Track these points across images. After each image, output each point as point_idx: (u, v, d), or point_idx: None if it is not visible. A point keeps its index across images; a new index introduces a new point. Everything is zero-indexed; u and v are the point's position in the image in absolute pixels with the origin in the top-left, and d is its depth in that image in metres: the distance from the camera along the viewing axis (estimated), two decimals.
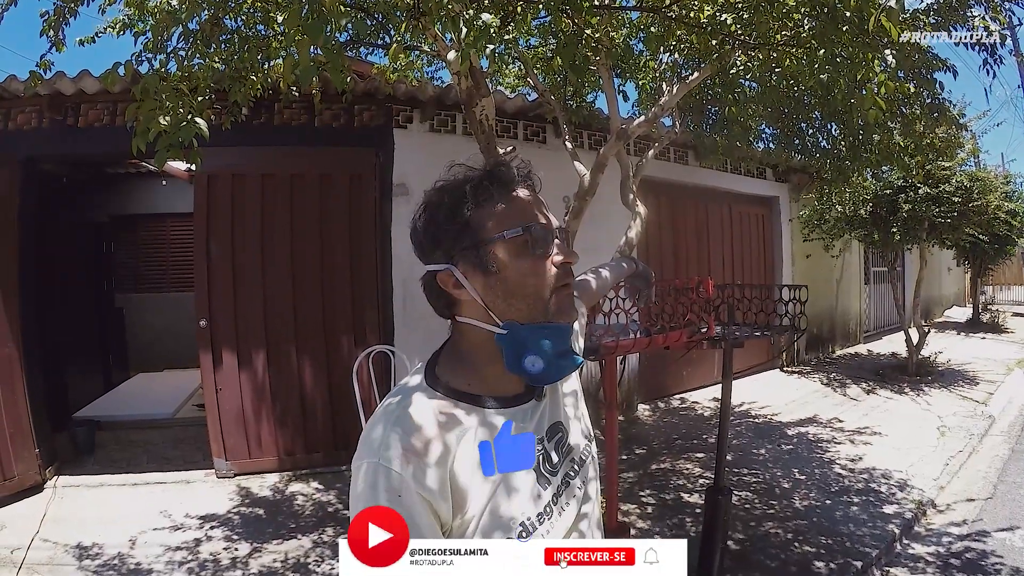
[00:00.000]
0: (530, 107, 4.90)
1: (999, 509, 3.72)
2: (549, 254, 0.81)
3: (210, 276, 4.12)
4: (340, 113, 4.41)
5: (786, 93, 3.61)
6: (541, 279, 0.80)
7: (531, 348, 0.80)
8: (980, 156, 7.33)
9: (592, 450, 0.95)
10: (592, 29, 2.84)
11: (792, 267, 8.28)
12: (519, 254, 0.79)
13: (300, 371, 4.30)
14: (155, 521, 3.42)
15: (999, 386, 6.85)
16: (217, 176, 4.11)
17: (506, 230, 0.79)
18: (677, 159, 6.47)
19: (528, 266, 0.80)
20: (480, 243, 0.80)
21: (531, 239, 0.79)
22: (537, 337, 0.80)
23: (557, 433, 0.88)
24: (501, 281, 0.80)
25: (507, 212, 0.80)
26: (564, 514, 0.84)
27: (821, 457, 4.61)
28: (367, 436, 0.77)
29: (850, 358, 8.85)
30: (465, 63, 1.76)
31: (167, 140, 1.98)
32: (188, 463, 4.28)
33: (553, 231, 0.82)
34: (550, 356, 0.81)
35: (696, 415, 5.93)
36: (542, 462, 0.84)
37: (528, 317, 0.81)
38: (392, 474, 0.71)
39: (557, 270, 0.81)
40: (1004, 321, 12.10)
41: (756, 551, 3.14)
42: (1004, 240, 8.76)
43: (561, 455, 0.87)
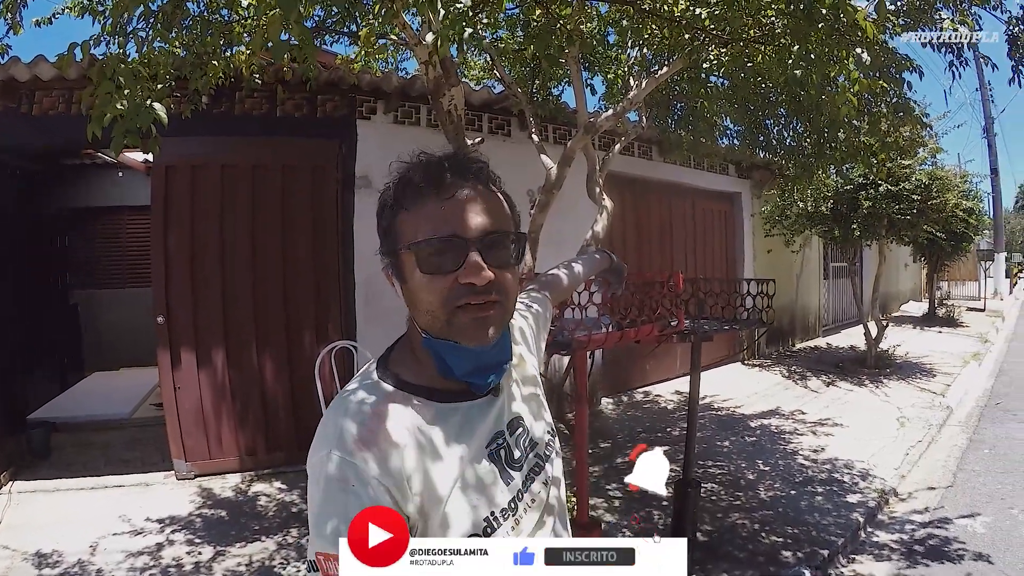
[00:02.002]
0: (495, 99, 4.86)
1: (959, 497, 3.83)
2: (449, 270, 0.73)
3: (168, 271, 3.98)
4: (303, 103, 4.31)
5: (754, 90, 3.64)
6: (435, 296, 0.74)
7: (447, 360, 0.77)
8: (938, 156, 7.56)
9: (556, 445, 0.94)
10: (564, 20, 2.80)
11: (753, 262, 8.45)
12: (415, 267, 0.75)
13: (261, 368, 4.19)
14: (115, 526, 3.30)
15: (956, 378, 7.08)
16: (175, 167, 3.97)
17: (405, 242, 0.76)
18: (641, 154, 6.51)
19: (422, 281, 0.75)
20: (396, 250, 0.78)
21: (417, 256, 0.74)
22: (446, 353, 0.77)
23: (518, 428, 0.86)
24: (408, 291, 0.78)
25: (411, 221, 0.76)
26: (530, 511, 0.83)
27: (784, 448, 4.68)
28: (323, 429, 0.75)
29: (810, 351, 9.07)
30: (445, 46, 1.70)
31: (123, 126, 1.88)
32: (147, 465, 4.14)
33: (465, 244, 0.73)
34: (463, 372, 0.78)
35: (659, 408, 5.99)
36: (505, 457, 0.82)
37: (433, 331, 0.77)
38: (348, 464, 0.69)
39: (458, 288, 0.73)
40: (959, 316, 12.55)
41: (724, 542, 3.17)
42: (961, 237, 9.05)
43: (524, 450, 0.86)
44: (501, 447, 0.82)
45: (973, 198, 8.66)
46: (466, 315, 0.74)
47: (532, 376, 0.97)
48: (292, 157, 4.29)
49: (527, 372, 0.96)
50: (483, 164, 0.81)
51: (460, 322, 0.75)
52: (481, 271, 0.73)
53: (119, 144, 1.90)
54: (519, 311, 1.06)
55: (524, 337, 1.02)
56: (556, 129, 5.52)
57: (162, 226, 3.97)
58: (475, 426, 0.80)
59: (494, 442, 0.82)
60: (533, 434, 0.89)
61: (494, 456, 0.81)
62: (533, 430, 0.89)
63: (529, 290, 1.22)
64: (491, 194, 0.79)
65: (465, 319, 0.75)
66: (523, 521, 0.81)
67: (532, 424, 0.89)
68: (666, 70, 3.39)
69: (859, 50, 2.09)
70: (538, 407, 0.94)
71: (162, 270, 3.97)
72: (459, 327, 0.75)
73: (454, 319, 0.75)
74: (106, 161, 5.93)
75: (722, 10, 2.40)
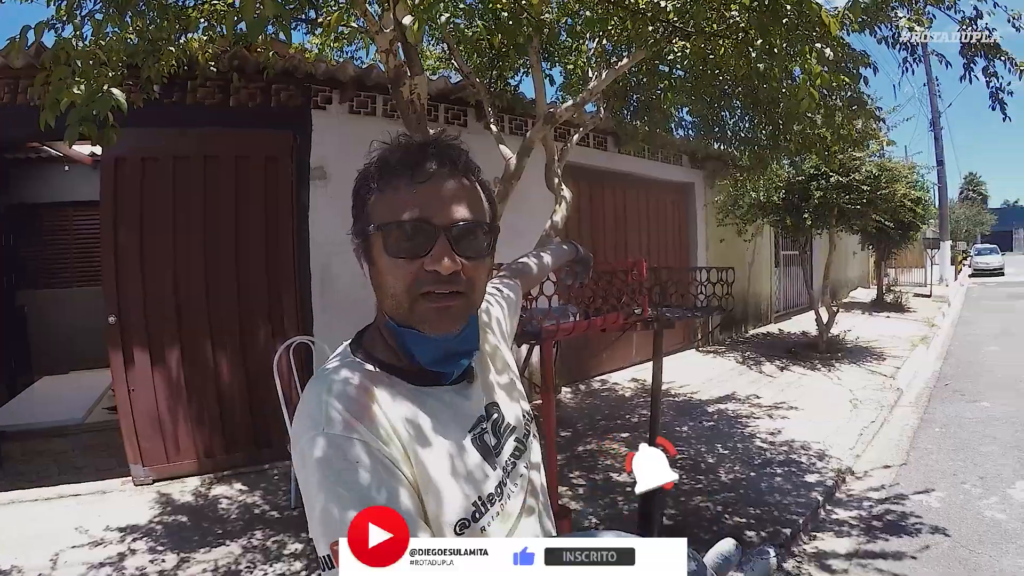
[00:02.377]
0: (452, 90, 4.82)
1: (913, 474, 3.98)
2: (417, 255, 0.72)
3: (118, 268, 3.82)
4: (256, 93, 4.19)
5: (712, 82, 3.70)
6: (399, 281, 0.73)
7: (410, 347, 0.77)
8: (888, 148, 7.84)
9: (533, 429, 0.94)
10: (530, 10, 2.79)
11: (707, 251, 8.63)
12: (382, 250, 0.74)
13: (216, 366, 4.08)
14: (74, 537, 3.15)
15: (905, 361, 7.36)
16: (125, 159, 3.80)
17: (375, 223, 0.75)
18: (596, 145, 6.56)
19: (389, 264, 0.74)
20: (365, 231, 0.77)
21: (384, 238, 0.73)
22: (409, 340, 0.76)
23: (494, 413, 0.86)
24: (375, 274, 0.77)
25: (385, 202, 0.75)
26: (514, 495, 0.83)
27: (742, 432, 4.79)
28: (304, 411, 0.73)
29: (762, 337, 9.28)
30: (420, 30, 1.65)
31: (79, 114, 1.78)
32: (103, 471, 3.98)
33: (435, 231, 0.72)
34: (426, 360, 0.77)
35: (617, 396, 6.05)
36: (487, 442, 0.82)
37: (397, 317, 0.76)
38: (344, 439, 0.67)
39: (423, 275, 0.73)
40: (907, 301, 13.06)
41: (690, 525, 3.23)
42: (908, 226, 9.36)
43: (503, 435, 0.86)
44: (485, 432, 0.82)
45: (920, 188, 8.99)
46: (428, 303, 0.74)
47: (506, 361, 0.96)
48: (246, 148, 4.17)
49: (501, 358, 0.96)
50: (464, 152, 0.79)
51: (422, 310, 0.74)
52: (445, 260, 0.72)
53: (74, 133, 1.80)
54: (492, 296, 1.07)
55: (498, 323, 1.03)
56: (512, 120, 5.52)
57: (112, 221, 3.80)
58: (455, 411, 0.80)
59: (477, 427, 0.81)
60: (511, 419, 0.89)
61: (477, 441, 0.80)
62: (510, 415, 0.89)
63: (500, 276, 1.23)
64: (469, 183, 0.78)
65: (427, 307, 0.74)
66: (508, 505, 0.81)
67: (508, 409, 0.89)
68: (626, 61, 3.42)
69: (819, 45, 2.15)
70: (514, 392, 0.94)
71: (112, 267, 3.81)
72: (421, 315, 0.74)
73: (416, 306, 0.74)
74: (51, 155, 5.68)
75: (686, 3, 2.43)
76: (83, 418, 4.55)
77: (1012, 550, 2.95)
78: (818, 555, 3.02)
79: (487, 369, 0.90)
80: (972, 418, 5.06)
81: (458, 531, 0.72)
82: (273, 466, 4.07)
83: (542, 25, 2.73)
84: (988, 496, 3.55)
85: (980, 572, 2.78)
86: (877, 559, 2.93)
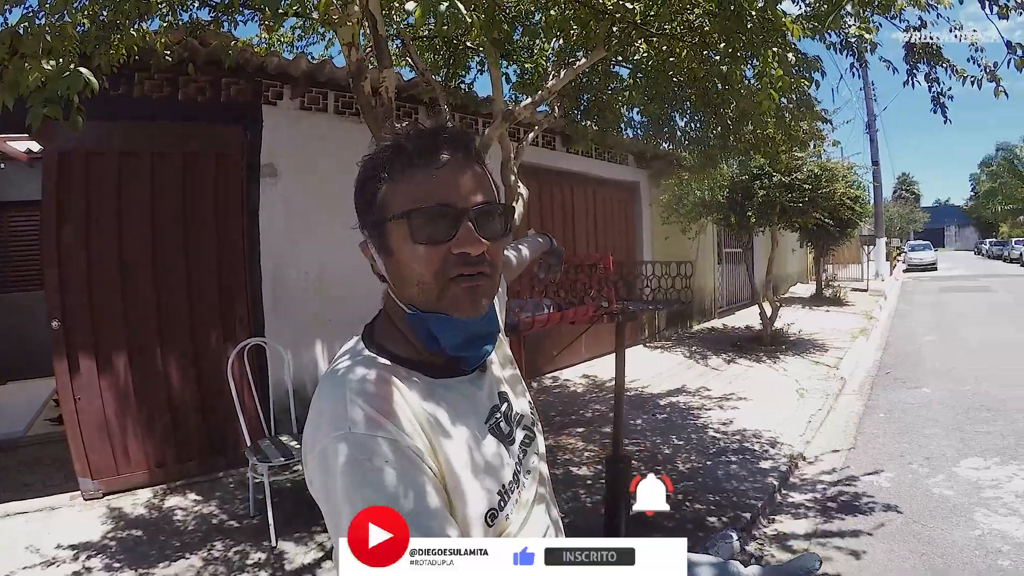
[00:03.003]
0: (406, 86, 4.76)
1: (862, 457, 4.19)
2: (442, 240, 0.72)
3: (62, 270, 3.61)
4: (206, 86, 4.05)
5: (667, 83, 3.78)
6: (427, 268, 0.72)
7: (435, 334, 0.76)
8: (831, 149, 8.19)
9: (536, 418, 0.95)
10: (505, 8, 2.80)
11: (652, 248, 8.81)
12: (406, 238, 0.73)
13: (166, 371, 3.91)
14: (25, 558, 2.96)
15: (847, 352, 7.72)
16: (69, 154, 3.60)
17: (394, 212, 0.73)
18: (545, 144, 6.64)
19: (413, 252, 0.73)
20: (380, 222, 0.75)
21: (410, 225, 0.72)
22: (435, 326, 0.75)
23: (505, 403, 0.87)
24: (395, 264, 0.76)
25: (402, 191, 0.73)
26: (529, 483, 0.84)
27: (695, 423, 4.93)
28: (323, 411, 0.70)
29: (707, 332, 9.55)
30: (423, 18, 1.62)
31: (44, 95, 1.65)
32: (50, 487, 3.75)
33: (459, 214, 0.72)
34: (453, 345, 0.77)
35: (570, 392, 6.13)
36: (502, 430, 0.82)
37: (423, 304, 0.75)
38: (370, 439, 0.65)
39: (451, 259, 0.72)
40: (845, 296, 13.65)
41: None
42: (847, 223, 9.78)
43: (513, 423, 0.86)
44: (499, 421, 0.82)
45: (858, 188, 9.42)
46: (458, 286, 0.73)
47: (508, 357, 0.97)
48: (195, 144, 4.02)
49: (504, 350, 0.97)
50: (473, 137, 0.80)
51: (453, 294, 0.73)
52: (476, 240, 0.72)
53: (38, 115, 1.67)
54: None
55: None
56: (463, 118, 5.49)
57: (55, 221, 3.59)
58: (472, 401, 0.80)
59: (492, 417, 0.81)
60: (519, 408, 0.90)
61: (494, 430, 0.80)
62: (518, 404, 0.90)
63: None
64: (480, 168, 0.78)
65: (457, 291, 0.73)
66: (524, 493, 0.81)
67: (516, 399, 0.90)
68: (584, 61, 3.47)
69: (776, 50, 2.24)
70: (519, 383, 0.95)
71: (55, 270, 3.59)
72: (451, 299, 0.73)
73: (447, 291, 0.73)
74: None
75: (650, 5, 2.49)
76: (25, 431, 4.32)
77: (962, 523, 3.14)
78: (778, 537, 3.15)
79: (494, 360, 0.90)
80: (914, 403, 5.35)
81: (489, 522, 0.72)
82: (228, 474, 3.94)
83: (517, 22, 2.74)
84: (935, 475, 3.77)
85: (934, 544, 2.95)
86: (835, 537, 3.07)
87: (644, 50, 3.28)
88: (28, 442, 4.38)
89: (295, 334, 4.27)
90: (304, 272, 4.37)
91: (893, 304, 13.43)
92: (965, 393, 5.54)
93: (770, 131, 3.79)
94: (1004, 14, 2.68)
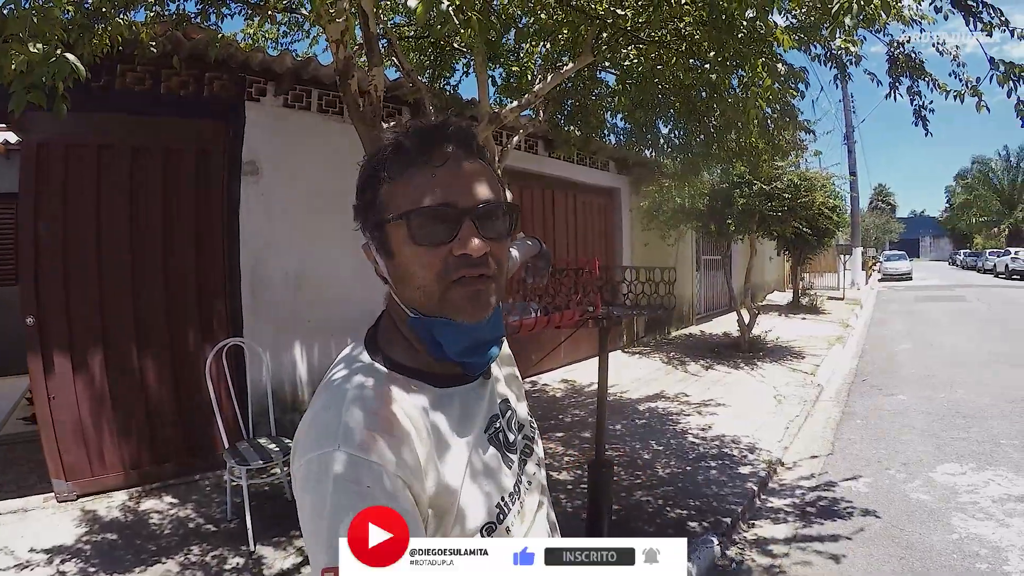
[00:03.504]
0: (391, 87, 4.70)
1: (840, 463, 4.25)
2: (443, 241, 0.69)
3: (38, 265, 3.53)
4: (189, 80, 3.99)
5: (653, 90, 3.81)
6: (428, 270, 0.70)
7: (438, 340, 0.73)
8: (808, 159, 8.32)
9: (535, 426, 0.93)
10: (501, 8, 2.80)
11: (632, 254, 8.87)
12: (407, 239, 0.70)
13: (143, 371, 3.84)
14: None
15: (824, 359, 7.83)
16: (48, 146, 3.53)
17: (393, 212, 0.70)
18: (527, 148, 6.66)
19: (414, 254, 0.70)
20: (381, 223, 0.72)
21: (410, 226, 0.69)
22: (439, 331, 0.72)
23: (507, 410, 0.85)
24: (396, 266, 0.73)
25: (402, 190, 0.71)
26: (530, 492, 0.83)
27: (674, 428, 4.96)
28: (318, 422, 0.67)
29: (686, 338, 9.62)
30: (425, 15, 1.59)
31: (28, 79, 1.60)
32: (22, 488, 3.65)
33: (460, 214, 0.69)
34: (457, 351, 0.74)
35: (549, 397, 6.14)
36: (502, 440, 0.80)
37: (425, 308, 0.72)
38: (361, 462, 0.62)
39: (452, 261, 0.69)
40: (821, 304, 13.88)
41: (634, 519, 3.32)
42: (824, 232, 9.91)
43: (515, 431, 0.85)
44: (499, 430, 0.80)
45: (836, 197, 9.57)
46: (460, 289, 0.70)
47: (508, 356, 0.95)
48: (176, 139, 3.97)
49: (506, 355, 0.95)
50: (475, 133, 0.77)
51: (455, 297, 0.70)
52: (475, 241, 0.69)
53: (21, 101, 1.62)
54: None
55: None
56: None
57: (32, 214, 3.51)
58: (473, 410, 0.77)
59: (491, 426, 0.79)
60: (520, 415, 0.88)
61: (494, 440, 0.78)
62: (520, 411, 0.88)
63: None
64: (482, 165, 0.76)
65: (460, 293, 0.70)
66: (526, 503, 0.80)
67: (518, 405, 0.89)
68: (572, 65, 3.49)
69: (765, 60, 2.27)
70: (519, 388, 0.93)
71: (32, 264, 3.51)
72: (454, 302, 0.71)
73: (448, 294, 0.70)
74: None
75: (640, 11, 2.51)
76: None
77: (939, 527, 3.21)
78: (758, 541, 3.18)
79: (496, 364, 0.87)
80: (890, 410, 5.45)
81: (487, 535, 0.71)
82: (204, 477, 3.88)
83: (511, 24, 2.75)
84: (912, 480, 3.84)
85: (913, 549, 3.00)
86: (814, 542, 3.11)
87: (633, 56, 3.30)
88: (1, 441, 4.26)
89: (274, 335, 4.22)
90: (284, 272, 4.32)
91: (869, 313, 13.66)
92: (940, 400, 5.65)
93: (753, 140, 3.84)
94: (988, 31, 2.76)
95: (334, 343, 4.47)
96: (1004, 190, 40.50)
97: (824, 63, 3.01)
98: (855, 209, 19.98)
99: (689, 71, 2.70)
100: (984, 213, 41.00)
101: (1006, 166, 41.01)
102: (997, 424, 4.84)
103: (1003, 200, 40.25)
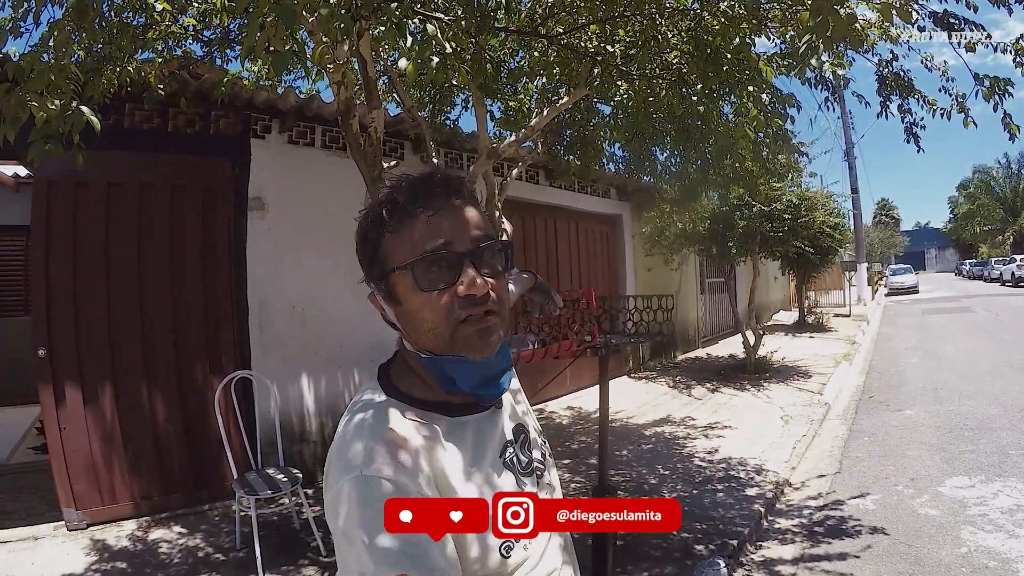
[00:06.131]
0: (392, 122, 4.83)
1: (847, 481, 4.22)
2: (447, 285, 0.74)
3: (50, 298, 3.61)
4: (195, 119, 4.10)
5: (647, 120, 3.88)
6: (436, 314, 0.74)
7: (452, 375, 0.77)
8: (809, 179, 8.36)
9: (548, 448, 0.97)
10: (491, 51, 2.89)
11: (635, 280, 8.88)
12: (412, 287, 0.74)
13: (152, 403, 3.89)
14: None
15: (830, 377, 7.79)
16: (58, 183, 3.63)
17: (397, 263, 0.75)
18: (529, 179, 6.72)
19: (421, 300, 0.75)
20: (385, 274, 0.78)
21: (414, 275, 0.74)
22: (452, 368, 0.77)
23: (522, 434, 0.89)
24: (405, 313, 0.78)
25: (402, 241, 0.75)
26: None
27: (680, 452, 4.94)
28: (343, 454, 0.72)
29: (691, 362, 9.57)
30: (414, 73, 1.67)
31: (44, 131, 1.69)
32: (33, 516, 3.70)
33: (460, 257, 0.74)
34: (471, 385, 0.78)
35: (555, 424, 6.11)
36: (516, 465, 0.84)
37: (436, 349, 0.77)
38: (385, 484, 0.67)
39: (458, 302, 0.74)
40: (827, 322, 13.80)
41: (640, 544, 3.31)
42: (827, 251, 9.97)
43: (529, 456, 0.88)
44: (515, 455, 0.84)
45: (837, 215, 9.59)
46: (469, 328, 0.75)
47: (517, 386, 0.99)
48: (183, 176, 4.06)
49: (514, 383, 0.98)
50: (462, 179, 0.82)
51: (464, 335, 0.75)
52: (478, 281, 0.74)
53: (39, 151, 1.72)
54: None
55: None
56: (448, 153, 5.57)
57: (43, 249, 3.60)
58: (487, 438, 0.81)
59: (505, 452, 0.83)
60: (534, 440, 0.91)
61: (508, 465, 0.82)
62: (531, 434, 0.92)
63: None
64: (473, 205, 0.81)
65: (468, 332, 0.75)
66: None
67: (531, 429, 0.92)
68: (567, 99, 3.57)
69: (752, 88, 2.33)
70: (530, 413, 0.97)
71: (43, 297, 3.59)
72: (463, 341, 0.75)
73: (458, 333, 0.75)
74: None
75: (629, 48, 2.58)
76: (7, 458, 4.26)
77: (948, 542, 3.19)
78: (766, 562, 3.17)
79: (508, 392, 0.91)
80: (897, 426, 5.42)
81: (505, 553, 0.74)
82: (213, 507, 3.90)
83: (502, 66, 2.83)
84: (920, 495, 3.82)
85: (921, 564, 2.98)
86: (823, 561, 3.10)
87: (624, 89, 3.38)
88: (10, 470, 4.31)
89: (282, 367, 4.26)
90: (291, 305, 4.38)
91: (875, 328, 13.58)
92: (948, 413, 5.62)
93: (749, 164, 3.89)
94: (971, 48, 2.84)
95: (341, 375, 4.51)
96: (1007, 198, 40.49)
97: (814, 86, 3.08)
98: (858, 225, 19.99)
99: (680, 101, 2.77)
100: (988, 222, 40.93)
101: (1007, 174, 41.04)
102: (1006, 435, 4.81)
103: (1006, 208, 40.22)
